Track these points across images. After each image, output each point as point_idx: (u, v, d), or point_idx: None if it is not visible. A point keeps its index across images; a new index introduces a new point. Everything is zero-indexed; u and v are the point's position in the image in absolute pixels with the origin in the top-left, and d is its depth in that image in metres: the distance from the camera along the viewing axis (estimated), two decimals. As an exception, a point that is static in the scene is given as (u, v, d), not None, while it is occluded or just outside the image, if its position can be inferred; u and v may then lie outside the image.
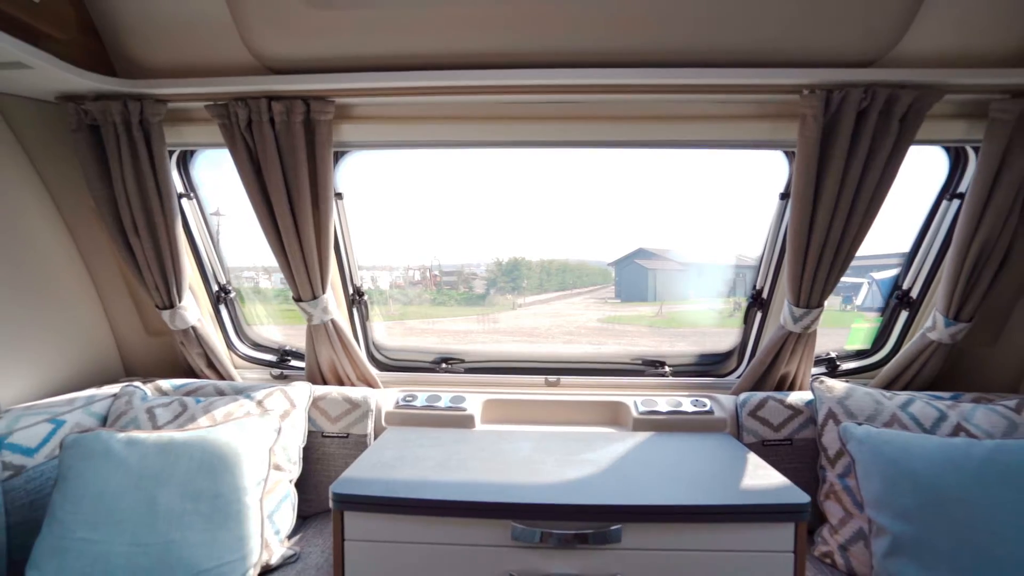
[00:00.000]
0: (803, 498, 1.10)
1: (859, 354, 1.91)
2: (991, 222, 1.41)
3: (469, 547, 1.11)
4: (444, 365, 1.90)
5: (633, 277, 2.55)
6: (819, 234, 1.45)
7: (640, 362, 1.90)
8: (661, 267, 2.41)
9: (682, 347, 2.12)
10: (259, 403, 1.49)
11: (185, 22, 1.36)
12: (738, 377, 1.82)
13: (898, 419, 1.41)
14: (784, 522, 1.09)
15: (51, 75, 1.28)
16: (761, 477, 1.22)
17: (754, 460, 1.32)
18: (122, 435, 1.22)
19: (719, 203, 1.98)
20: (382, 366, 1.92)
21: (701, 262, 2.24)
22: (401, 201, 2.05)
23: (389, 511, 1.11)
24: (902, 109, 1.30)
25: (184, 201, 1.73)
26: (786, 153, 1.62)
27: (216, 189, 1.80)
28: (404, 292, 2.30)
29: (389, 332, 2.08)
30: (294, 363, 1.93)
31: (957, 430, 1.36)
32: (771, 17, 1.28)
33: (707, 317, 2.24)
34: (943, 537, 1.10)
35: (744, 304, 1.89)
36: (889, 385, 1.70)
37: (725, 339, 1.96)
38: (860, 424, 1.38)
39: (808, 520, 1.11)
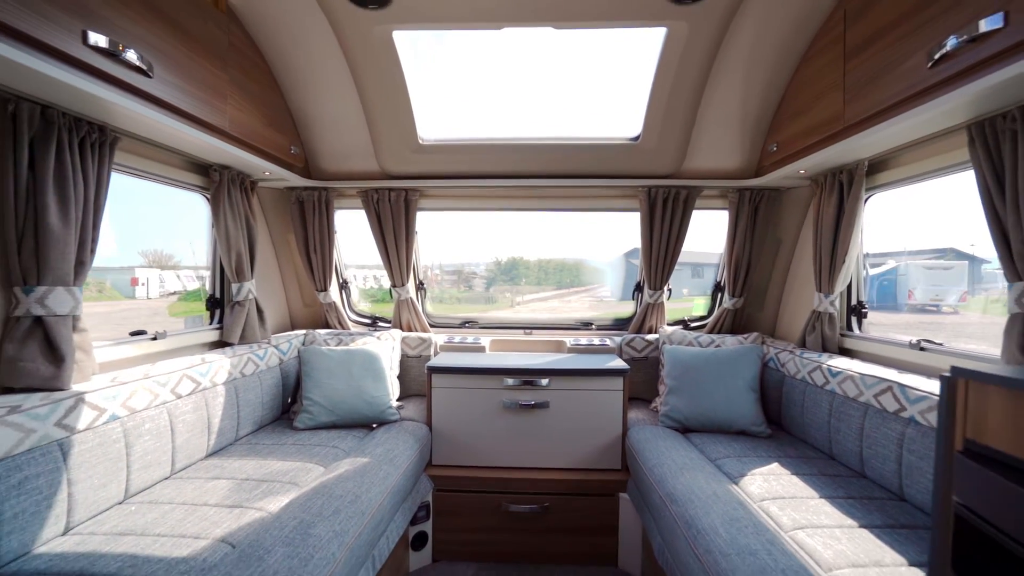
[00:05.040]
0: (626, 367, 2.58)
1: (701, 318, 3.41)
2: (738, 246, 2.91)
3: (485, 389, 2.59)
4: (467, 324, 3.39)
5: (628, 276, 3.56)
6: (655, 253, 2.94)
7: (579, 323, 3.40)
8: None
9: (607, 313, 3.60)
10: (377, 338, 2.98)
11: (348, 153, 2.86)
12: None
13: (691, 343, 2.91)
14: (618, 376, 2.57)
15: (291, 181, 2.77)
16: (614, 364, 2.70)
17: (616, 360, 2.81)
18: (324, 347, 2.71)
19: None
20: (431, 324, 3.42)
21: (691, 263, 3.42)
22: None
23: (451, 373, 2.60)
24: (684, 197, 2.81)
25: (330, 234, 3.23)
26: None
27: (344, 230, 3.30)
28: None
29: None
30: (381, 324, 3.42)
31: (716, 346, 2.86)
32: (621, 157, 2.78)
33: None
34: (687, 384, 2.58)
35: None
36: (711, 332, 3.19)
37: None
38: (672, 345, 2.88)
39: (631, 376, 2.60)
